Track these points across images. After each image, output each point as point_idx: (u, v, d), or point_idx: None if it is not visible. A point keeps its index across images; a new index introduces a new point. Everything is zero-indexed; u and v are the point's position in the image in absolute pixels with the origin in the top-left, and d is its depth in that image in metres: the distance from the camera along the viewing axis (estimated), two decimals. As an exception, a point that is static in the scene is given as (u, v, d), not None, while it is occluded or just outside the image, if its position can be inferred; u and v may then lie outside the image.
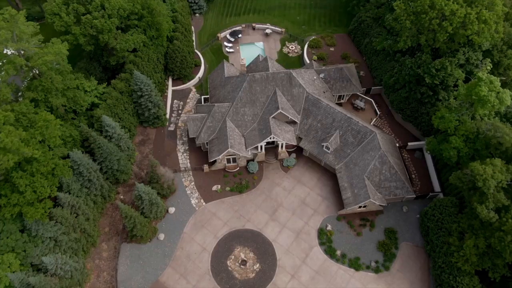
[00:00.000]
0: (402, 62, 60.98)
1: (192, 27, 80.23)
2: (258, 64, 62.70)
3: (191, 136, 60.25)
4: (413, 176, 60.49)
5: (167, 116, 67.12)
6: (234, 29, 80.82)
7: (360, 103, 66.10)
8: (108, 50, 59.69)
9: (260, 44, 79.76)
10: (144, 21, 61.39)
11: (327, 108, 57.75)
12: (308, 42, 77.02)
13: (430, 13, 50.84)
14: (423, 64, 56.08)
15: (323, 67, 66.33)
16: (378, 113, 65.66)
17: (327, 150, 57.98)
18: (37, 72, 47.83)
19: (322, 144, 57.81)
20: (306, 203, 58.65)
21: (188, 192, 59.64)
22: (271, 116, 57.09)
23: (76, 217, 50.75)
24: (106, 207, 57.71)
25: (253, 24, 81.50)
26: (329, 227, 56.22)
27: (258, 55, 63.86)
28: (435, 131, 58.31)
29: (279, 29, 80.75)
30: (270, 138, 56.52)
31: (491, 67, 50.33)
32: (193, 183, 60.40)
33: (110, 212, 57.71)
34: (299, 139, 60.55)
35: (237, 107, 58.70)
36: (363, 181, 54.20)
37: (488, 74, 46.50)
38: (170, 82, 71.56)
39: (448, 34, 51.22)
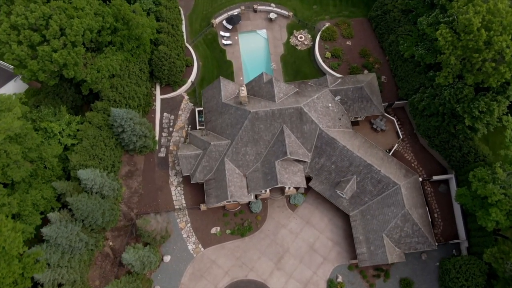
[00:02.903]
0: (437, 86, 50.20)
1: (181, 12, 66.30)
2: (261, 86, 51.72)
3: (184, 174, 52.25)
4: (436, 215, 53.94)
5: (157, 138, 57.98)
6: (232, 12, 66.92)
7: (380, 124, 56.55)
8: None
9: (263, 32, 66.74)
10: (119, 34, 49.15)
11: (343, 151, 48.79)
12: (320, 33, 64.15)
13: (484, 52, 39.34)
14: (464, 100, 45.83)
15: (339, 80, 55.27)
16: (401, 136, 56.51)
17: (342, 194, 50.61)
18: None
19: (336, 190, 50.21)
20: (315, 249, 53.07)
21: (184, 236, 53.64)
22: (278, 161, 48.52)
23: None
24: (95, 256, 52.18)
25: (255, 6, 67.36)
26: (339, 279, 51.45)
27: (262, 73, 52.41)
28: (466, 170, 50.27)
29: (286, 13, 66.93)
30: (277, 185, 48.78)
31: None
32: (189, 224, 54.05)
33: (100, 262, 52.33)
34: (308, 175, 52.70)
35: (237, 147, 49.73)
36: (381, 239, 47.87)
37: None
38: (157, 91, 60.77)
39: (504, 80, 40.46)
